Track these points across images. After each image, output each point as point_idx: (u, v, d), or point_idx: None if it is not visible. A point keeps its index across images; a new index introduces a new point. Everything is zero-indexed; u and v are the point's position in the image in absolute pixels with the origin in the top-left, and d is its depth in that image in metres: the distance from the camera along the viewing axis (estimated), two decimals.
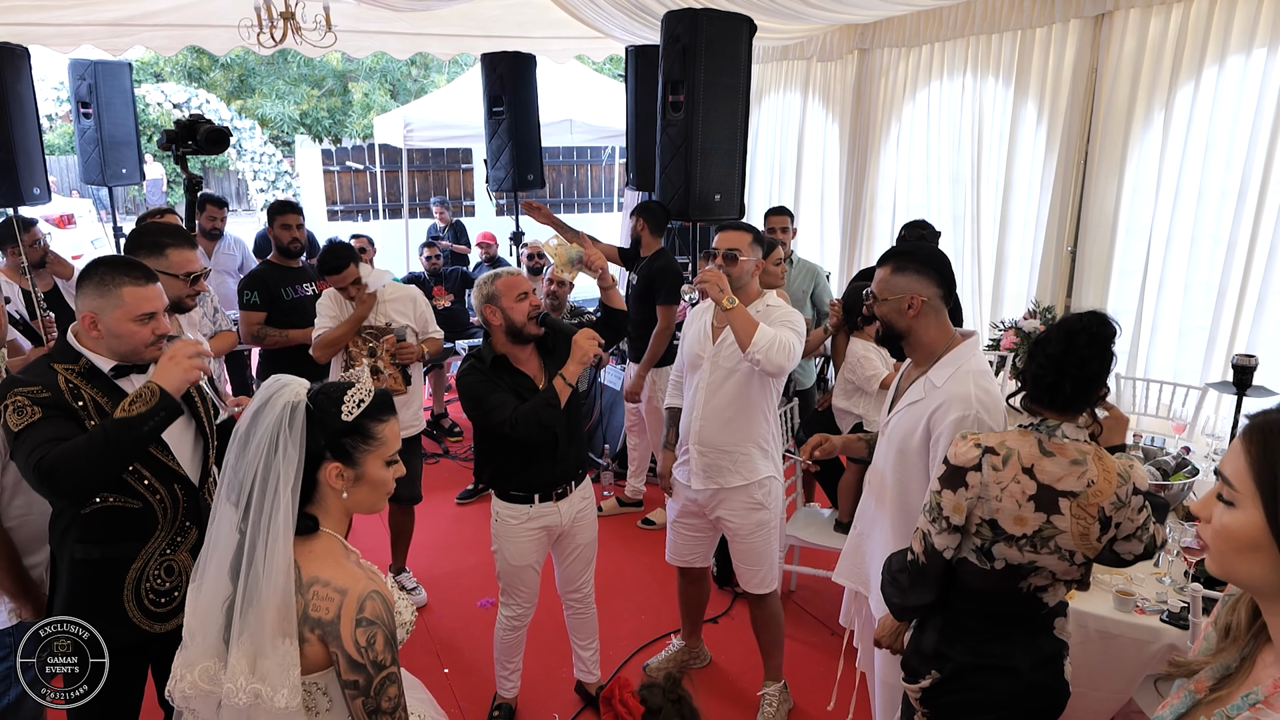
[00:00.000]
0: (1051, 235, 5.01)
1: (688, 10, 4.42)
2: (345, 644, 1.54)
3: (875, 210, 6.54)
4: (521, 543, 3.04)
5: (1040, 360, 1.93)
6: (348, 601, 1.55)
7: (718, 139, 4.44)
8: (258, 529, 1.54)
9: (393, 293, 3.92)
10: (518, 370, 2.95)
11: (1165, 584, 2.65)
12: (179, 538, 2.23)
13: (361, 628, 1.54)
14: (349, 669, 1.54)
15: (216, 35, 6.94)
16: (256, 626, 1.53)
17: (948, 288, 2.33)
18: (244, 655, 1.53)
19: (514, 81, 6.53)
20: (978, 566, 1.97)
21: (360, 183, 12.60)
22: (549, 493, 3.02)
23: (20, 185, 5.67)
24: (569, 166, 13.62)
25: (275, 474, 1.55)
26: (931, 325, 2.32)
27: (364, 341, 3.82)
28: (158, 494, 2.17)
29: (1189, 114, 4.30)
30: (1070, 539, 1.89)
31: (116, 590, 2.16)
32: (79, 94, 6.58)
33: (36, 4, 6.10)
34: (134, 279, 2.15)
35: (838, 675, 3.12)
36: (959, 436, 2.00)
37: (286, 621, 1.52)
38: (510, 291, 2.90)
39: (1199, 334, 4.37)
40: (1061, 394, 1.91)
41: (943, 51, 5.79)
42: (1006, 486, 1.90)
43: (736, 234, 3.08)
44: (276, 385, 1.60)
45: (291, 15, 5.52)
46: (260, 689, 1.52)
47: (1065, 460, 1.90)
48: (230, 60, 17.82)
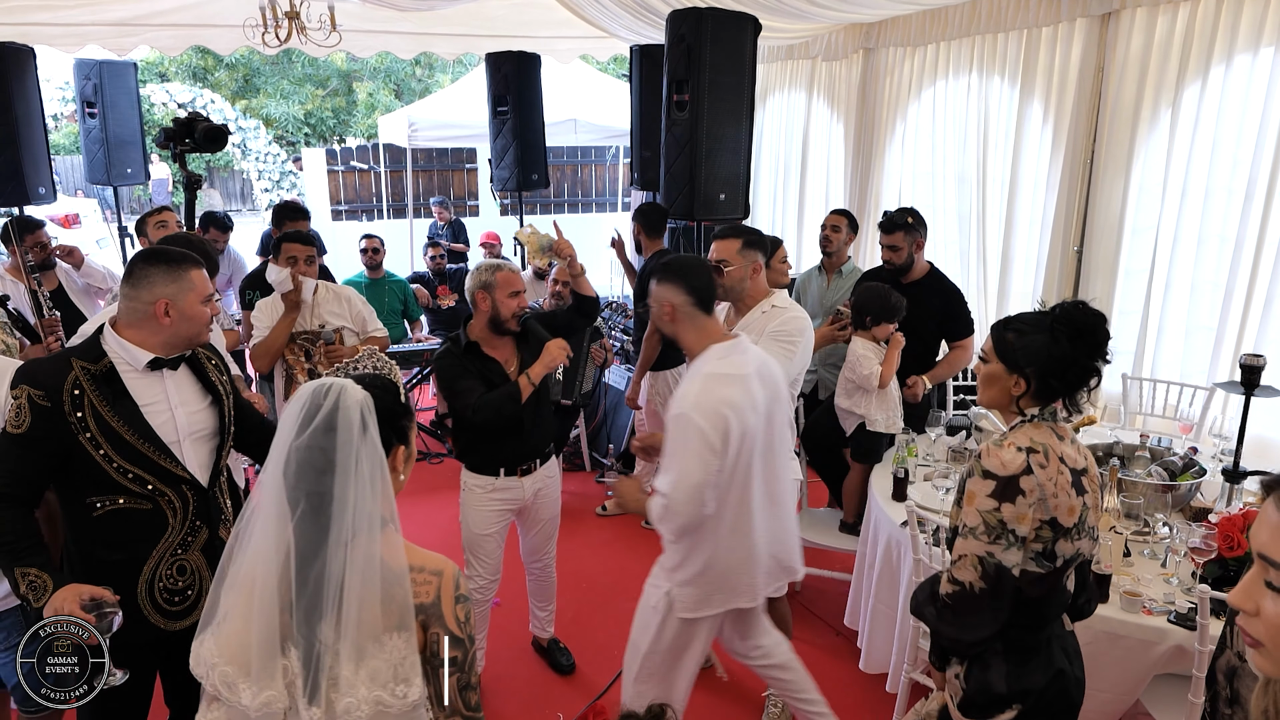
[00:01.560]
0: (1058, 235, 4.99)
1: (692, 9, 4.42)
2: (449, 622, 1.57)
3: (880, 210, 6.51)
4: (485, 512, 3.23)
5: (1060, 355, 1.92)
6: (445, 582, 1.59)
7: (722, 138, 4.44)
8: (352, 533, 1.48)
9: (323, 294, 3.91)
10: (488, 356, 3.15)
11: (1173, 585, 2.64)
12: (190, 538, 2.24)
13: (460, 604, 1.60)
14: (453, 646, 1.58)
15: (222, 35, 6.95)
16: (351, 631, 1.49)
17: (699, 296, 2.51)
18: (366, 669, 1.50)
19: (519, 81, 6.54)
20: (1039, 573, 1.93)
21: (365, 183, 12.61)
22: (514, 468, 3.20)
23: (26, 185, 5.70)
24: (573, 166, 13.61)
25: (364, 476, 1.49)
26: (689, 330, 2.53)
27: (300, 348, 3.79)
28: (165, 495, 2.19)
29: (1196, 113, 4.28)
30: (1093, 515, 1.95)
31: (131, 589, 2.17)
32: (84, 94, 6.59)
33: (42, 4, 6.12)
34: (196, 263, 2.27)
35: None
36: (991, 445, 1.96)
37: (390, 616, 1.51)
38: (506, 286, 3.09)
39: (1205, 334, 4.35)
40: (1085, 384, 1.96)
41: (948, 51, 5.77)
42: (1056, 480, 1.90)
43: (723, 243, 3.13)
44: (336, 389, 1.52)
45: (296, 15, 5.52)
46: (382, 695, 1.50)
47: (1069, 441, 1.97)
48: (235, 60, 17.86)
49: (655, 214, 4.87)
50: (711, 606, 2.61)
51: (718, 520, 2.52)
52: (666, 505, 2.42)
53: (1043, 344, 1.95)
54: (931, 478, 3.35)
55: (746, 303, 3.16)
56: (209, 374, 2.34)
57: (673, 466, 2.42)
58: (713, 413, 2.37)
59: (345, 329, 3.87)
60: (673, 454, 2.43)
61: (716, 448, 2.39)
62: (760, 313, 3.10)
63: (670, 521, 2.45)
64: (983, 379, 2.06)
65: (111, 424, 2.11)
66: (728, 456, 2.43)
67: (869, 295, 3.71)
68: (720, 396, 2.40)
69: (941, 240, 5.73)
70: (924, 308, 3.91)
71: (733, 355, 2.50)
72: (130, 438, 2.13)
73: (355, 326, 3.92)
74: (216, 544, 2.26)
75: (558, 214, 13.26)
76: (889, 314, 3.64)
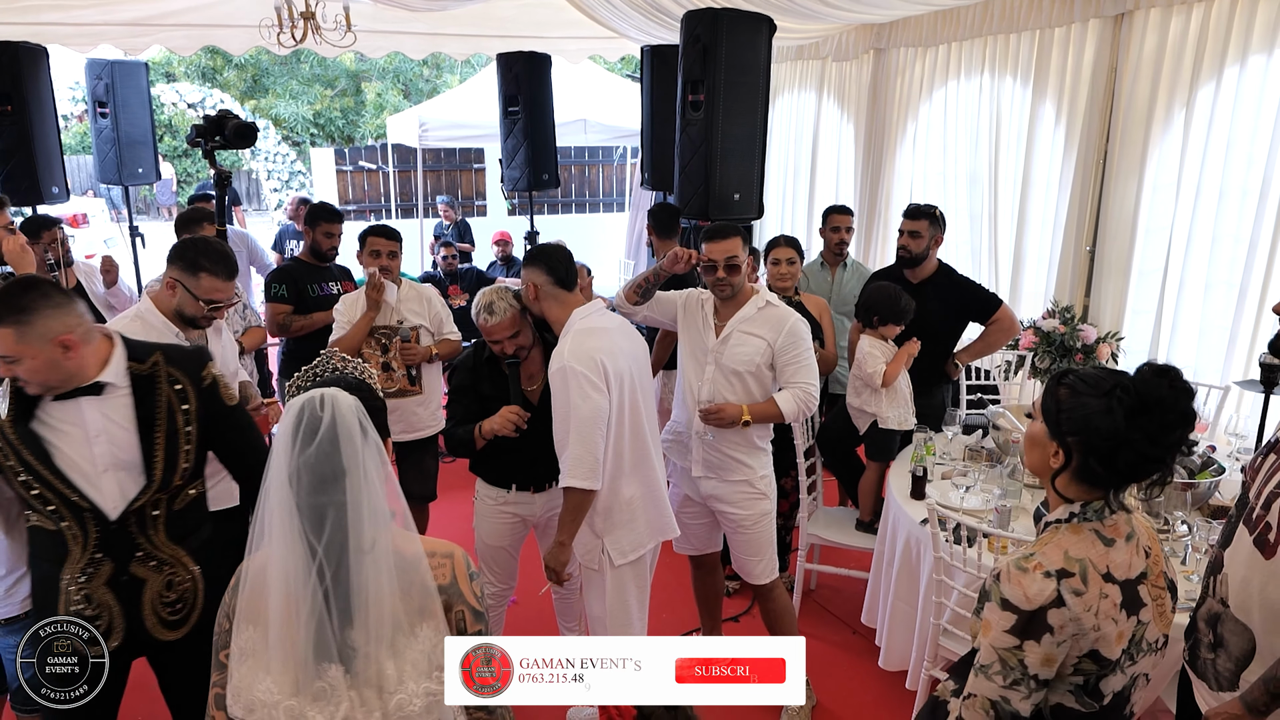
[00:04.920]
0: (1070, 235, 4.99)
1: (708, 10, 4.43)
2: (468, 599, 1.63)
3: (891, 210, 6.53)
4: (495, 524, 3.19)
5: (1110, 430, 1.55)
6: (456, 562, 1.64)
7: (737, 138, 4.45)
8: (358, 537, 1.50)
9: (407, 291, 3.94)
10: (503, 373, 3.00)
11: (1193, 581, 2.65)
12: (91, 569, 2.09)
13: (474, 580, 1.65)
14: (475, 621, 1.63)
15: (235, 35, 6.98)
16: (386, 630, 1.51)
17: (557, 275, 2.76)
18: (391, 663, 1.53)
19: (529, 81, 6.55)
20: (1080, 711, 1.64)
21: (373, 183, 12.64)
22: (526, 484, 3.14)
23: (40, 184, 5.72)
24: (581, 166, 13.64)
25: (372, 478, 1.51)
26: (553, 305, 2.78)
27: (376, 341, 3.84)
28: (66, 521, 2.07)
29: (1210, 114, 4.28)
30: (1155, 628, 1.63)
31: (54, 608, 2.10)
32: (96, 93, 6.61)
33: (55, 4, 6.15)
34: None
35: None
36: (1014, 567, 1.58)
37: (411, 603, 1.54)
38: (488, 336, 2.93)
39: (1220, 334, 4.35)
40: (1138, 476, 1.61)
41: (960, 51, 5.78)
42: (1097, 608, 1.55)
43: (730, 241, 3.08)
44: (326, 401, 1.51)
45: (312, 15, 5.55)
46: (430, 685, 1.54)
47: (1122, 540, 1.62)
48: (244, 60, 17.89)
49: (666, 214, 4.88)
50: (643, 544, 2.86)
51: (619, 459, 2.74)
52: (574, 455, 2.62)
53: (1094, 411, 1.57)
54: (950, 476, 3.36)
55: (738, 300, 3.13)
56: (157, 406, 2.12)
57: (566, 415, 2.63)
58: (587, 359, 2.62)
59: (422, 328, 3.88)
60: (562, 404, 2.64)
61: (599, 385, 2.63)
62: (755, 309, 3.09)
63: (580, 467, 2.63)
64: (1027, 439, 1.74)
65: (13, 442, 2.03)
66: (611, 396, 2.66)
67: (878, 295, 3.72)
68: (590, 345, 2.66)
69: (954, 240, 5.73)
70: (936, 305, 3.93)
71: (594, 315, 2.78)
72: (29, 458, 2.03)
73: (432, 327, 3.93)
74: (128, 581, 2.11)
75: (565, 214, 13.32)
76: (896, 316, 3.65)
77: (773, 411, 3.06)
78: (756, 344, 3.07)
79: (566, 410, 2.63)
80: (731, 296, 3.11)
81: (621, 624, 2.86)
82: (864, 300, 3.80)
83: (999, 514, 2.92)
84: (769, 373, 3.11)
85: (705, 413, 3.06)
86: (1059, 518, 1.65)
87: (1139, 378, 1.58)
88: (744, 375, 3.08)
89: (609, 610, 2.86)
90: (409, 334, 3.82)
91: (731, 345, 3.08)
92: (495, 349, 2.94)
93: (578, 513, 2.72)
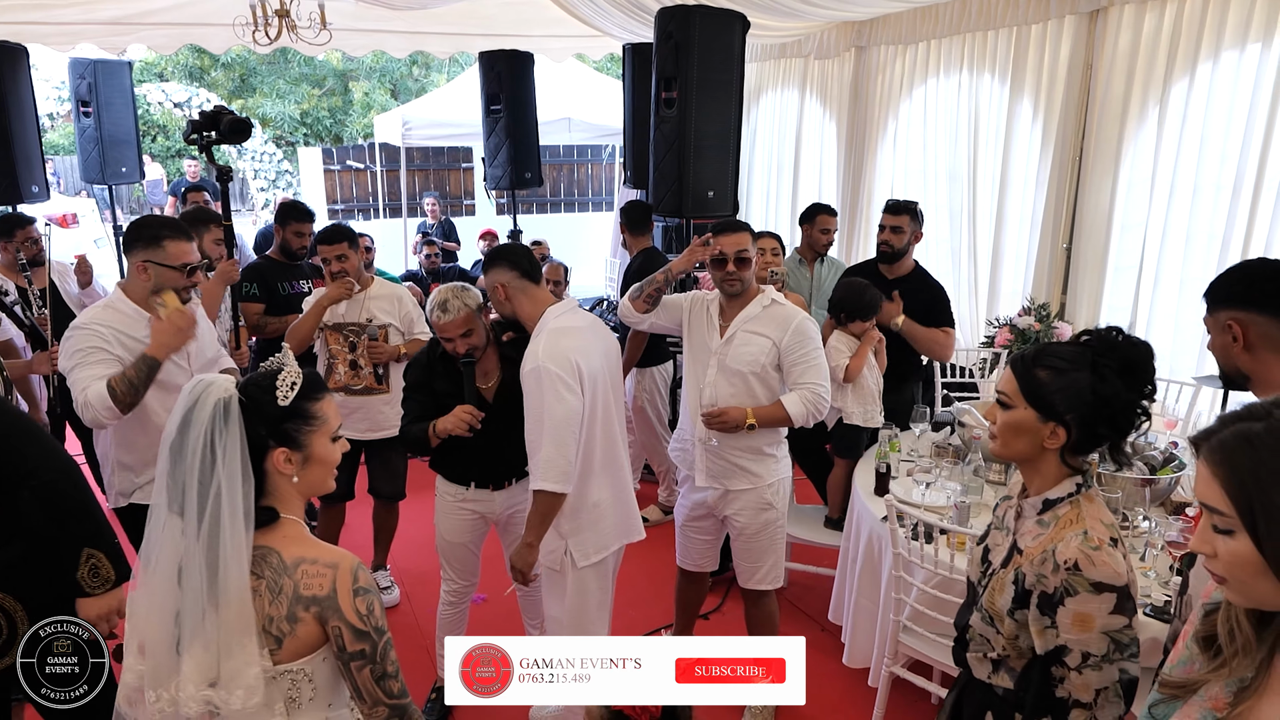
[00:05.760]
0: (1047, 232, 5.00)
1: (680, 6, 4.42)
2: (347, 615, 1.56)
3: (872, 207, 6.53)
4: (455, 520, 3.17)
5: (1111, 395, 1.62)
6: (341, 574, 1.58)
7: (711, 135, 4.44)
8: (214, 533, 1.52)
9: (378, 290, 3.92)
10: (455, 371, 2.97)
11: (1150, 578, 2.65)
12: None
13: (360, 596, 1.58)
14: (355, 639, 1.57)
15: (215, 34, 6.96)
16: (215, 630, 1.52)
17: (522, 269, 2.74)
18: (195, 663, 1.52)
19: (512, 80, 6.54)
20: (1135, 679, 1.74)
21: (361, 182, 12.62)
22: (485, 481, 3.10)
23: (19, 183, 5.70)
24: (568, 165, 13.61)
25: (219, 475, 1.52)
26: (524, 301, 2.76)
27: (345, 339, 3.83)
28: None
29: (1184, 110, 4.29)
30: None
31: None
32: (79, 93, 6.61)
33: (35, 3, 6.12)
34: None
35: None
36: (1085, 549, 1.60)
37: (245, 619, 1.52)
38: (441, 334, 2.91)
39: (1195, 330, 4.35)
40: (1135, 427, 1.69)
41: (939, 48, 5.78)
42: (1133, 568, 1.67)
43: (741, 234, 3.02)
44: (202, 385, 1.57)
45: (286, 13, 5.53)
46: (211, 695, 1.51)
47: (1104, 506, 1.72)
48: (231, 60, 17.84)
49: (637, 211, 4.88)
50: (607, 546, 2.83)
51: (589, 460, 2.72)
52: (546, 457, 2.60)
53: (1087, 384, 1.62)
54: (914, 473, 3.35)
55: (744, 299, 3.07)
56: None
57: (540, 417, 2.60)
58: (562, 359, 2.59)
59: (391, 326, 3.87)
60: (535, 405, 2.62)
61: (572, 386, 2.60)
62: (761, 307, 3.02)
63: (552, 470, 2.60)
64: (1005, 429, 1.70)
65: None
66: (585, 396, 2.64)
67: (846, 291, 3.72)
68: (565, 345, 2.63)
69: (933, 237, 5.71)
70: (908, 302, 3.92)
71: (567, 314, 2.76)
72: None
73: (402, 326, 3.91)
74: None
75: (552, 213, 13.29)
76: (862, 311, 3.64)
77: (779, 415, 2.95)
78: (761, 343, 2.98)
79: (540, 411, 2.60)
80: (740, 292, 3.04)
81: (579, 626, 2.83)
82: (834, 297, 3.80)
83: (958, 510, 2.92)
84: (775, 374, 3.01)
85: (708, 416, 2.97)
86: (1068, 492, 1.69)
87: (1101, 344, 1.66)
88: (748, 376, 2.99)
89: (568, 611, 2.84)
90: (377, 332, 3.81)
91: (735, 345, 3.01)
92: (448, 348, 2.90)
93: (547, 515, 2.69)
